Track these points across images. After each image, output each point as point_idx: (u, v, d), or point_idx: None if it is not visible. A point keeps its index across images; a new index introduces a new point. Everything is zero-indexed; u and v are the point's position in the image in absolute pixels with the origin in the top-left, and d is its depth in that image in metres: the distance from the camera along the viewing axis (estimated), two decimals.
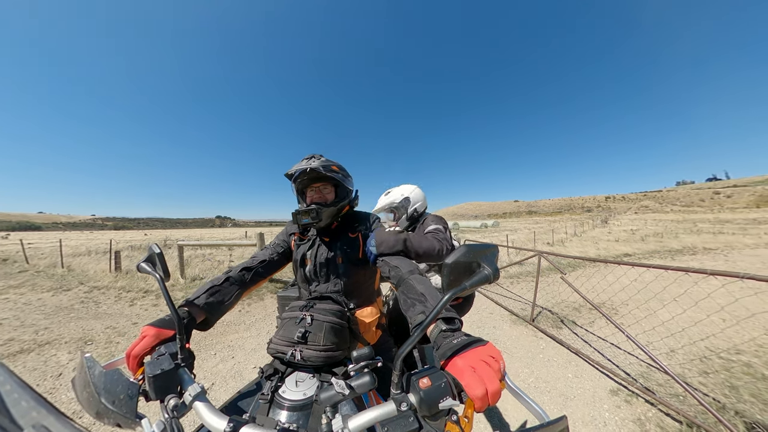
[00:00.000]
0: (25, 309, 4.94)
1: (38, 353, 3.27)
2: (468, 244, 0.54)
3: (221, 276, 1.10)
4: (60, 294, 5.92)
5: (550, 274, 6.70)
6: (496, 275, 0.52)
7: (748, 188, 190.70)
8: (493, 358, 0.55)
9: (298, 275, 1.29)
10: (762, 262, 8.36)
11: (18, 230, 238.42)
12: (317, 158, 1.18)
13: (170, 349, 0.72)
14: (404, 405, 0.51)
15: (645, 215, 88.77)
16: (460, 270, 0.53)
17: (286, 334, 0.92)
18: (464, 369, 0.54)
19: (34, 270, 8.60)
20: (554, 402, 2.33)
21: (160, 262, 0.82)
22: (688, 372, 2.67)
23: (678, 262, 9.16)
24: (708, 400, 2.25)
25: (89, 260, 10.12)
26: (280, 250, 1.33)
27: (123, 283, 6.60)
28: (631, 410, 2.19)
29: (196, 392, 0.63)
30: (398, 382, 0.54)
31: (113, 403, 0.55)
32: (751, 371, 2.62)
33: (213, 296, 0.99)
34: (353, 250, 1.23)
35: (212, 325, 0.98)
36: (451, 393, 0.51)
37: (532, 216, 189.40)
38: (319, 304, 1.03)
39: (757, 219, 33.29)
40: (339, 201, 1.24)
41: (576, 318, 4.09)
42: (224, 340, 3.66)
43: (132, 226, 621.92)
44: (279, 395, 0.76)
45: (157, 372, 0.62)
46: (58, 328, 4.04)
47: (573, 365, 2.87)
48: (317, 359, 0.86)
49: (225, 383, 2.72)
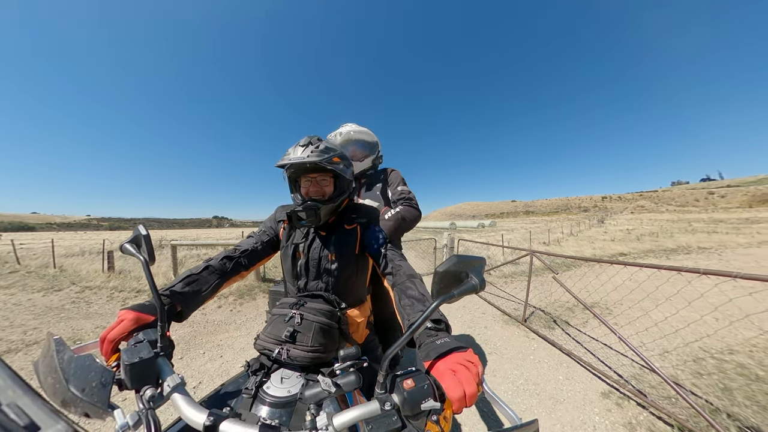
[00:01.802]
0: (14, 309, 4.86)
1: (25, 353, 3.22)
2: (458, 255, 0.57)
3: (201, 264, 1.03)
4: (51, 294, 5.84)
5: (544, 273, 6.71)
6: (482, 285, 0.56)
7: (741, 188, 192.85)
8: (471, 363, 0.59)
9: (286, 268, 1.18)
10: (755, 261, 8.44)
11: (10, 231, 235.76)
12: (315, 145, 1.03)
13: (149, 336, 0.68)
14: (388, 404, 0.53)
15: (641, 215, 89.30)
16: (450, 279, 0.57)
17: (274, 331, 0.89)
18: (445, 372, 0.57)
19: (26, 270, 8.47)
20: (543, 405, 2.30)
21: (146, 244, 0.77)
22: (681, 373, 2.67)
23: (672, 261, 9.22)
24: (700, 402, 2.24)
25: (82, 260, 10.01)
26: (266, 239, 1.22)
27: (115, 283, 6.54)
28: (622, 414, 2.18)
29: (176, 383, 0.60)
30: (383, 383, 0.56)
31: (83, 391, 0.51)
32: (745, 372, 2.62)
33: (189, 285, 0.93)
34: (349, 245, 1.13)
35: (187, 317, 0.91)
36: (433, 395, 0.53)
37: (529, 216, 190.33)
38: (310, 303, 0.98)
39: (750, 218, 33.72)
40: (339, 195, 1.12)
41: (569, 318, 4.08)
42: (213, 339, 3.62)
43: (128, 226, 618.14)
44: (263, 391, 0.76)
45: (134, 360, 0.59)
46: (47, 328, 3.98)
47: (564, 367, 2.85)
48: (304, 359, 0.84)
49: (212, 382, 2.68)
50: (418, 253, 11.51)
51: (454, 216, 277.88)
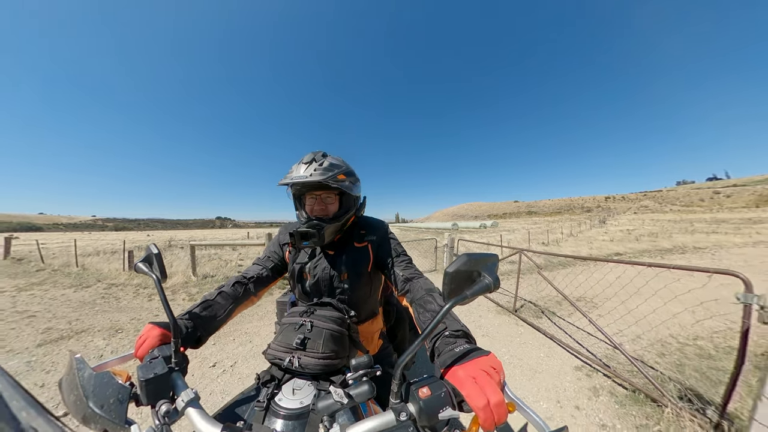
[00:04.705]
0: (52, 303, 5.35)
1: (77, 339, 3.70)
2: (468, 253, 0.54)
3: (214, 291, 1.05)
4: (81, 290, 6.34)
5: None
6: (497, 284, 0.52)
7: (748, 188, 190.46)
8: (494, 369, 0.56)
9: (296, 290, 1.18)
10: (744, 260, 8.75)
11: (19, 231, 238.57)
12: (318, 162, 1.01)
13: (164, 353, 0.71)
14: (403, 415, 0.51)
15: (644, 215, 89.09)
16: (461, 279, 0.53)
17: (284, 339, 0.90)
18: (465, 379, 0.54)
19: (51, 269, 9.03)
20: (524, 375, 2.76)
21: (158, 263, 0.80)
22: (648, 354, 3.08)
23: (666, 260, 9.54)
24: (655, 374, 2.66)
25: (99, 260, 10.57)
26: (271, 265, 1.21)
27: (138, 280, 7.04)
28: (589, 381, 2.61)
29: (189, 398, 0.61)
30: (398, 392, 0.54)
31: (102, 408, 0.54)
32: (701, 353, 3.04)
33: (206, 310, 0.96)
34: (361, 264, 1.11)
35: (205, 341, 0.93)
36: (451, 403, 0.51)
37: (531, 216, 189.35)
38: (319, 311, 0.99)
39: (753, 218, 33.72)
40: (344, 213, 1.09)
41: (557, 310, 4.50)
42: (240, 329, 4.08)
43: (132, 227, 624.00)
44: (275, 403, 0.75)
45: (149, 376, 0.61)
46: (87, 319, 4.47)
47: (546, 347, 3.29)
48: (316, 367, 0.83)
49: (246, 361, 3.15)
50: (421, 252, 12.01)
51: (457, 216, 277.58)
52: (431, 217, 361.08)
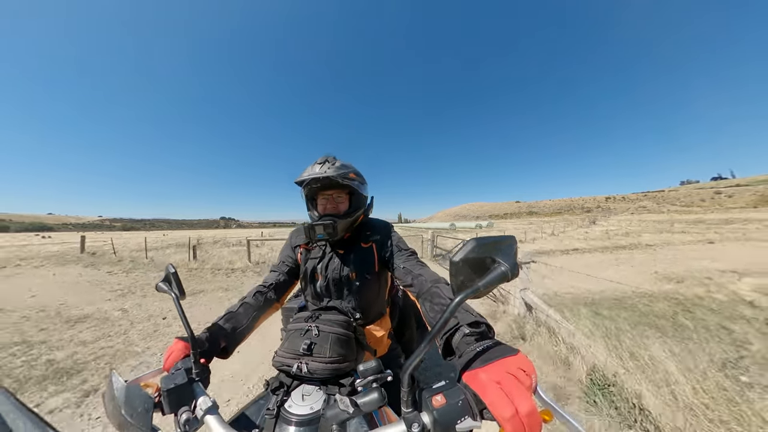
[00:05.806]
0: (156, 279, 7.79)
1: (204, 294, 6.22)
2: (477, 237, 0.45)
3: (237, 303, 1.07)
4: None
5: None
6: (515, 272, 0.42)
7: (750, 188, 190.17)
8: (523, 372, 0.48)
9: (308, 291, 1.22)
10: (654, 258, 10.79)
11: (31, 231, 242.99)
12: (331, 162, 1.07)
13: (185, 364, 0.75)
14: (416, 426, 0.45)
15: (640, 216, 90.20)
16: (472, 268, 0.44)
17: (291, 346, 0.92)
18: (488, 384, 0.46)
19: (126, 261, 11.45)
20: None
21: (176, 281, 0.82)
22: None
23: (611, 255, 11.55)
24: None
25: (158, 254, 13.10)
26: (286, 269, 1.24)
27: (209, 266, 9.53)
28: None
29: (207, 406, 0.65)
30: (408, 399, 0.47)
31: (132, 416, 0.59)
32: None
33: (229, 322, 0.97)
34: (367, 263, 1.15)
35: (231, 352, 0.95)
36: (471, 412, 0.46)
37: (531, 216, 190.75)
38: (324, 315, 1.03)
39: (727, 219, 36.00)
40: (354, 211, 1.14)
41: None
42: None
43: (139, 226, 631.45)
44: (285, 410, 0.77)
45: (170, 386, 0.66)
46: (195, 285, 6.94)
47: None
48: (324, 371, 0.85)
49: (267, 347, 3.67)
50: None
51: (458, 217, 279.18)
52: (434, 218, 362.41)
